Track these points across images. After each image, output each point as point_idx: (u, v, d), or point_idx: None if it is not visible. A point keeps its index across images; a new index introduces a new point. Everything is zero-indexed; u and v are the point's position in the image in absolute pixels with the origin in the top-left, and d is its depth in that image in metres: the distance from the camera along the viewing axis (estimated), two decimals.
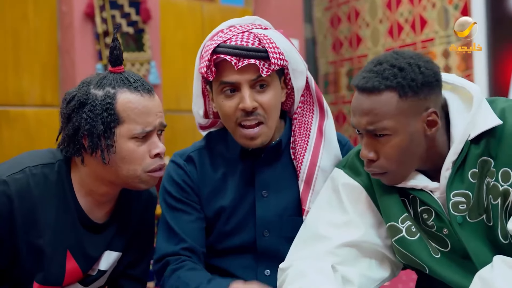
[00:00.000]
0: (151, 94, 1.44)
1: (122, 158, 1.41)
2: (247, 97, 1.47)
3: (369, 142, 1.35)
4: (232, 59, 1.46)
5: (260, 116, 1.49)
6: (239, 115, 1.49)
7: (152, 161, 1.44)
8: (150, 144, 1.43)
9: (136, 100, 1.41)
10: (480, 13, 4.26)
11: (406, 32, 4.79)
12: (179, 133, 4.51)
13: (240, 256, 1.58)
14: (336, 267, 1.38)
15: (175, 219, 1.57)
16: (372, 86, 1.30)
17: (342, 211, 1.45)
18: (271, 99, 1.51)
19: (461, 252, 1.35)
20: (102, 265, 1.54)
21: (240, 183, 1.58)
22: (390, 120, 1.30)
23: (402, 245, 1.40)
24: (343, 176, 1.48)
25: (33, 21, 3.90)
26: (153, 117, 1.43)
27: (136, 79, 1.43)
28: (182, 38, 4.61)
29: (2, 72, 3.77)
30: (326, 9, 5.70)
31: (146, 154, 1.43)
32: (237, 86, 1.49)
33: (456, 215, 1.34)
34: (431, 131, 1.33)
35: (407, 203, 1.42)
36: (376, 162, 1.35)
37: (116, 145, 1.40)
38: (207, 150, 1.64)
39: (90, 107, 1.39)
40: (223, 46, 1.48)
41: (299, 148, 1.58)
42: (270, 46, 1.48)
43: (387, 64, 1.32)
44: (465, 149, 1.33)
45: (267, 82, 1.50)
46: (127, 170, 1.42)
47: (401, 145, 1.32)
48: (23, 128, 3.77)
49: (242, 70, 1.47)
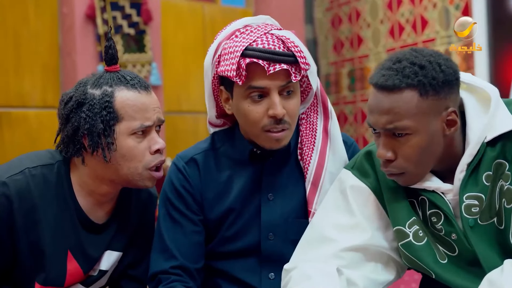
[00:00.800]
0: (148, 90, 1.45)
1: (123, 155, 1.42)
2: (278, 104, 1.43)
3: (387, 141, 1.31)
4: (264, 64, 1.41)
5: (286, 124, 1.46)
6: (267, 122, 1.45)
7: (152, 157, 1.45)
8: (149, 140, 1.44)
9: (134, 97, 1.42)
10: (481, 13, 4.26)
11: (407, 32, 4.79)
12: (180, 134, 4.52)
13: (244, 259, 1.56)
14: (341, 270, 1.36)
15: (170, 230, 1.54)
16: (393, 84, 1.27)
17: (349, 214, 1.43)
18: (296, 105, 1.48)
19: (469, 257, 1.33)
20: (103, 265, 1.53)
21: (246, 185, 1.56)
22: (410, 119, 1.27)
23: (409, 250, 1.38)
24: (351, 177, 1.46)
25: (34, 23, 3.90)
26: (151, 112, 1.44)
27: (132, 77, 1.44)
28: (183, 39, 4.62)
29: (3, 74, 3.78)
30: (327, 9, 5.70)
31: (146, 150, 1.44)
32: (266, 92, 1.44)
33: (468, 218, 1.31)
34: (450, 131, 1.30)
35: (416, 205, 1.40)
36: (393, 162, 1.32)
37: (116, 143, 1.40)
38: (212, 151, 1.60)
39: (88, 106, 1.40)
40: (251, 49, 1.42)
41: (306, 149, 1.56)
42: (296, 50, 1.44)
43: (407, 62, 1.28)
44: (480, 151, 1.31)
45: (294, 88, 1.47)
46: (128, 168, 1.43)
47: (420, 145, 1.28)
48: (24, 130, 3.77)
49: (273, 75, 1.42)
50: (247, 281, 1.55)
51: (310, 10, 5.76)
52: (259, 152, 1.54)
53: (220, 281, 1.58)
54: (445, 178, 1.36)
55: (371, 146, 1.48)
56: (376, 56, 5.12)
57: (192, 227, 1.54)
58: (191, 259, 1.53)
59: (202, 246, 1.56)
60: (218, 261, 1.59)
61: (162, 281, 1.50)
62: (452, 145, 1.33)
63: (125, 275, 1.60)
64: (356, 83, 5.37)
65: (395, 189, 1.40)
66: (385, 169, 1.34)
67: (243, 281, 1.55)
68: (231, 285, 1.56)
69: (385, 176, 1.41)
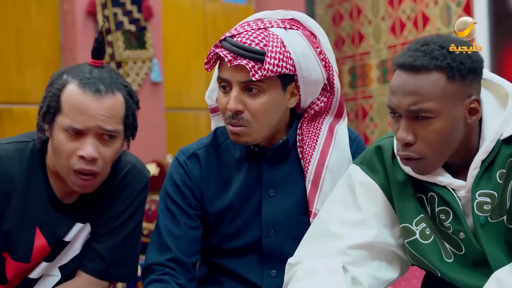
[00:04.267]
0: (97, 95, 1.36)
1: (54, 147, 1.40)
2: (233, 98, 1.43)
3: (409, 124, 1.28)
4: (227, 56, 1.42)
5: (243, 121, 1.44)
6: (228, 114, 1.46)
7: (76, 161, 1.37)
8: (81, 144, 1.37)
9: (77, 95, 1.36)
10: (482, 10, 4.25)
11: (408, 29, 4.78)
12: (181, 130, 4.52)
13: (245, 256, 1.56)
14: (347, 267, 1.35)
15: (167, 224, 1.54)
16: (421, 64, 1.24)
17: (356, 210, 1.41)
18: (262, 105, 1.44)
19: (476, 257, 1.32)
20: (67, 237, 1.50)
21: (247, 182, 1.55)
22: (435, 101, 1.24)
23: (415, 247, 1.37)
24: (359, 172, 1.44)
25: (35, 19, 3.90)
26: (88, 118, 1.35)
27: (93, 76, 1.39)
28: (184, 36, 4.62)
29: (5, 71, 3.78)
30: (328, 6, 5.69)
31: (73, 152, 1.37)
32: (230, 84, 1.45)
33: (480, 216, 1.30)
34: (472, 119, 1.28)
35: (424, 201, 1.38)
36: (413, 146, 1.29)
37: (53, 133, 1.39)
38: (214, 147, 1.60)
39: (50, 87, 1.41)
40: (227, 40, 1.45)
41: (307, 147, 1.55)
42: (273, 50, 1.41)
43: (436, 45, 1.26)
44: (496, 149, 1.29)
45: (260, 87, 1.43)
46: (59, 162, 1.40)
47: (442, 130, 1.26)
48: (26, 126, 3.77)
49: (235, 69, 1.42)
50: (249, 278, 1.54)
51: (311, 6, 5.76)
52: (256, 149, 1.54)
53: (222, 278, 1.58)
54: (457, 174, 1.35)
55: (381, 141, 1.46)
56: (377, 53, 5.12)
57: (190, 222, 1.54)
58: (187, 252, 1.53)
59: (198, 241, 1.56)
60: (220, 258, 1.59)
61: (155, 271, 1.50)
62: (469, 139, 1.32)
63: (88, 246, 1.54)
64: (357, 80, 5.37)
65: (403, 185, 1.39)
66: (403, 153, 1.31)
67: (245, 279, 1.55)
68: (234, 282, 1.56)
69: (394, 172, 1.40)
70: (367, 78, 5.25)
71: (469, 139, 1.32)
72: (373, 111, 5.21)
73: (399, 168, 1.39)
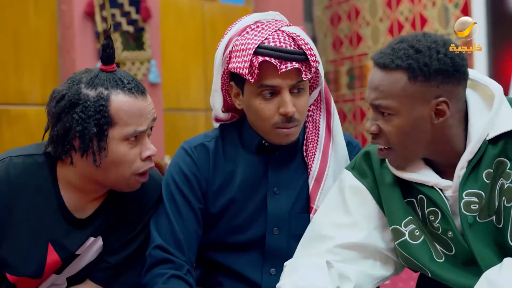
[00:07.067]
0: (144, 94, 1.42)
1: (113, 160, 1.38)
2: (289, 102, 1.45)
3: (376, 116, 1.35)
4: (276, 62, 1.43)
5: (296, 121, 1.48)
6: (278, 120, 1.47)
7: (142, 164, 1.42)
8: (141, 146, 1.41)
9: (130, 102, 1.38)
10: (480, 11, 4.26)
11: (406, 30, 4.79)
12: (179, 131, 4.52)
13: (246, 253, 1.56)
14: (332, 263, 1.37)
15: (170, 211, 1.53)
16: (383, 63, 1.30)
17: (347, 213, 1.44)
18: (306, 102, 1.51)
19: (466, 256, 1.33)
20: (78, 250, 1.49)
21: (252, 177, 1.56)
22: (394, 100, 1.29)
23: (404, 248, 1.38)
24: (350, 177, 1.48)
25: (33, 20, 3.90)
26: (146, 117, 1.41)
27: (129, 80, 1.40)
28: (183, 37, 4.62)
29: (3, 72, 3.78)
30: (326, 7, 5.70)
31: (137, 156, 1.41)
32: (278, 90, 1.46)
33: (467, 215, 1.31)
34: (439, 120, 1.30)
35: (415, 204, 1.40)
36: (378, 137, 1.36)
37: (108, 148, 1.37)
38: (222, 140, 1.61)
39: (82, 108, 1.35)
40: (264, 47, 1.44)
41: (310, 147, 1.59)
42: (306, 48, 1.46)
43: (407, 44, 1.30)
44: (482, 149, 1.31)
45: (303, 85, 1.49)
46: (116, 173, 1.40)
47: (402, 127, 1.31)
48: (24, 127, 3.77)
49: (284, 73, 1.44)
50: (248, 275, 1.55)
51: (310, 8, 5.76)
52: (267, 144, 1.55)
53: (221, 277, 1.58)
54: (445, 174, 1.36)
55: (369, 147, 1.50)
56: None
57: (190, 214, 1.54)
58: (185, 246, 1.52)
59: (197, 235, 1.55)
60: (221, 254, 1.58)
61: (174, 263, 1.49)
62: (448, 138, 1.33)
63: (99, 258, 1.53)
64: (355, 81, 5.38)
65: (391, 188, 1.41)
66: (374, 141, 1.38)
67: (244, 276, 1.55)
68: (232, 280, 1.57)
69: (382, 176, 1.43)
70: (365, 80, 5.26)
71: (446, 140, 1.33)
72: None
73: (387, 171, 1.43)
